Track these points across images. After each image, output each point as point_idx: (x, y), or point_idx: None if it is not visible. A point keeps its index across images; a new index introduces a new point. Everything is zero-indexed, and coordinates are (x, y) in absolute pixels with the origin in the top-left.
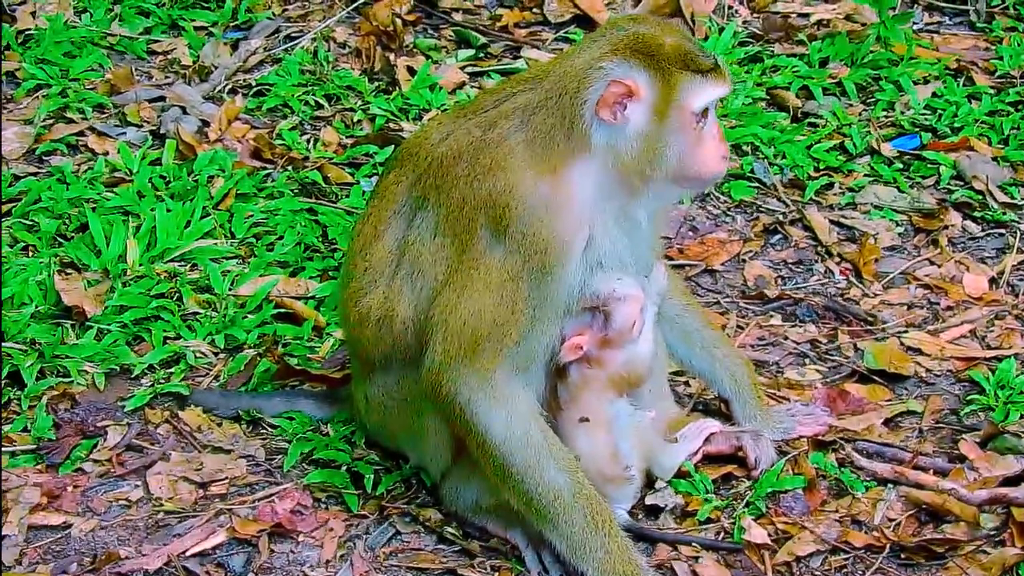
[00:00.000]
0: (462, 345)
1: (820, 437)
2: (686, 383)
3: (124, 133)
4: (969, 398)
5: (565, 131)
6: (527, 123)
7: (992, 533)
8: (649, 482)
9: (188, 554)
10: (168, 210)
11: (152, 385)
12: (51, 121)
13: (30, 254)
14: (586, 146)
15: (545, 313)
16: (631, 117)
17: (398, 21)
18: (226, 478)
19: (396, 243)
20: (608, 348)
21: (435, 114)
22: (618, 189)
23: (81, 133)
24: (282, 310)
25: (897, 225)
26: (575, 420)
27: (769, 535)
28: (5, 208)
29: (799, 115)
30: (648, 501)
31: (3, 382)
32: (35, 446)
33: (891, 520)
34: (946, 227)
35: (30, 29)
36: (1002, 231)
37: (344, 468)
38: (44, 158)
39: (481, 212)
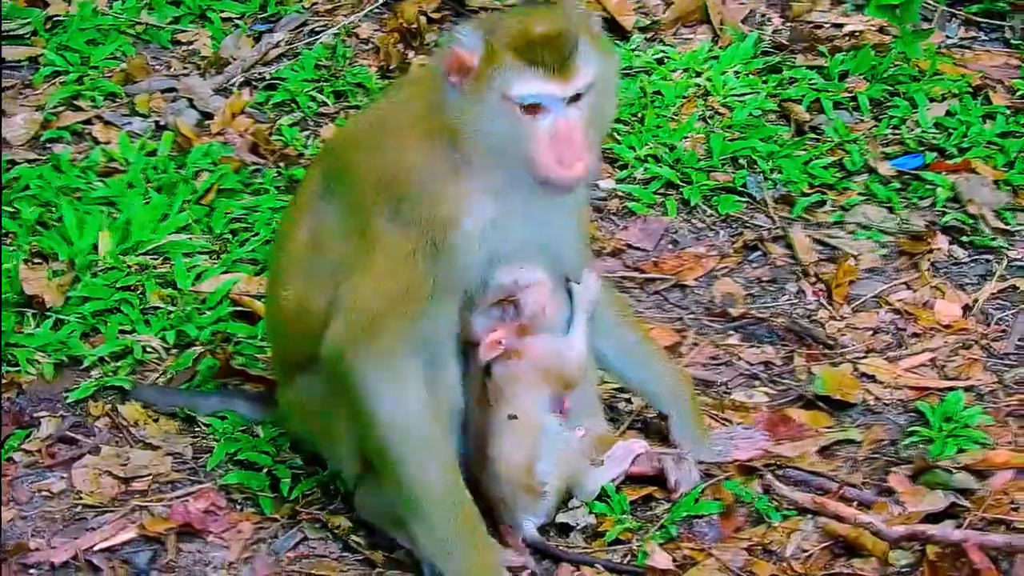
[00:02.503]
0: (362, 322)
1: (751, 462)
2: (628, 400)
3: (130, 123)
4: (911, 429)
5: (436, 102)
6: (413, 100)
7: (904, 571)
8: (565, 499)
9: (96, 549)
10: (146, 202)
11: (100, 378)
12: (62, 108)
13: (8, 241)
14: (450, 117)
15: (441, 292)
16: (466, 87)
17: (422, 18)
18: (150, 474)
19: (309, 235)
20: (526, 336)
21: None
22: (486, 168)
23: (89, 121)
24: (241, 308)
25: (882, 247)
26: (504, 417)
27: (673, 560)
28: None
29: (806, 129)
30: (560, 519)
31: None
32: None
33: (804, 551)
34: (931, 251)
35: (60, 16)
36: (989, 257)
37: (264, 470)
38: (48, 145)
39: (382, 188)
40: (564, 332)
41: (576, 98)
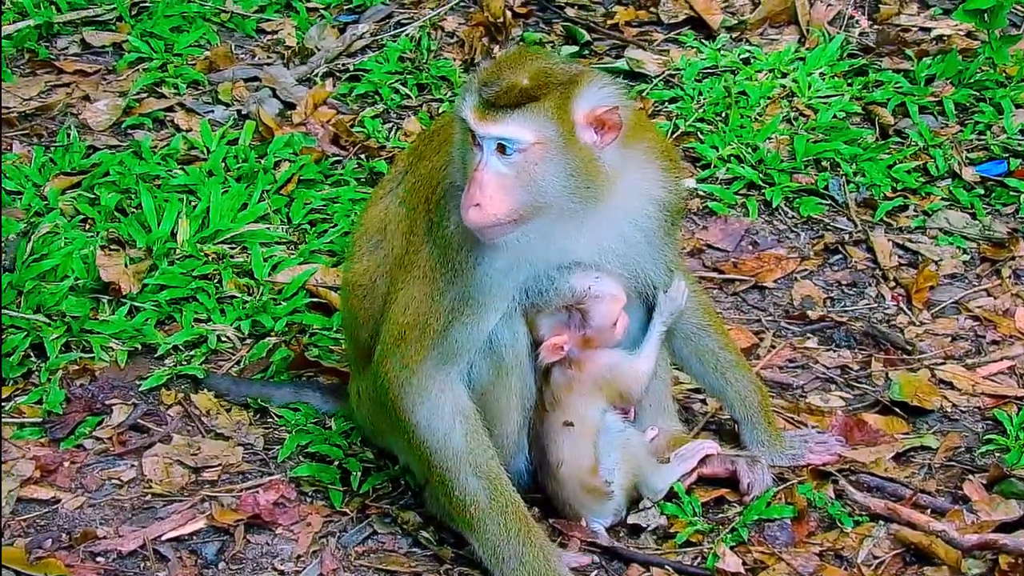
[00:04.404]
0: (394, 334)
1: (825, 467)
2: (703, 401)
3: (212, 111)
4: (987, 437)
5: None
6: None
7: None
8: (636, 500)
9: (164, 538)
10: (225, 191)
11: (173, 366)
12: (144, 95)
13: (87, 227)
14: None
15: (464, 308)
16: None
17: (508, 13)
18: (220, 465)
19: (383, 213)
20: (590, 348)
21: None
22: None
23: (171, 108)
24: (316, 299)
25: (964, 253)
26: (560, 423)
27: (744, 564)
28: (76, 180)
29: (890, 133)
30: (631, 520)
31: (30, 353)
32: (42, 419)
33: (876, 558)
34: (1013, 258)
35: (145, 2)
36: None
37: (335, 463)
38: (129, 132)
39: (424, 196)
40: (634, 348)
41: (503, 150)
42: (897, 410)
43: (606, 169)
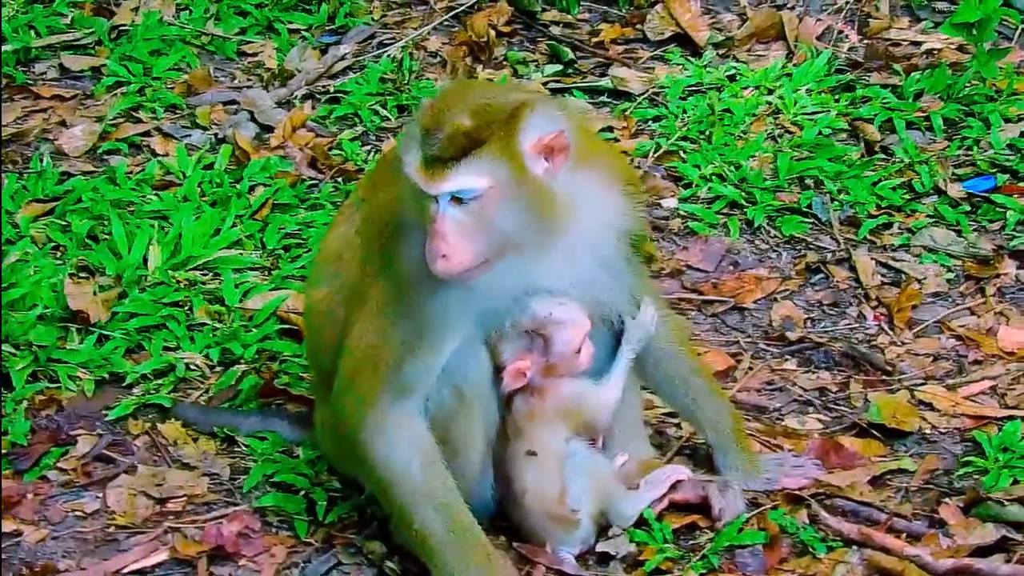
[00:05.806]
0: (350, 368)
1: (800, 491)
2: (677, 425)
3: (189, 135)
4: (966, 459)
5: None
6: None
7: None
8: (605, 527)
9: (126, 571)
10: (197, 217)
11: (141, 395)
12: (121, 120)
13: (58, 255)
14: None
15: (417, 342)
16: None
17: (492, 32)
18: (185, 495)
19: (342, 239)
20: (552, 376)
21: None
22: None
23: (147, 133)
24: (288, 326)
25: (948, 271)
26: (522, 453)
27: None
28: (48, 207)
29: (876, 149)
30: (600, 548)
31: None
32: (6, 451)
33: None
34: (998, 275)
35: (125, 25)
36: None
37: (301, 493)
38: (105, 157)
39: (375, 228)
40: (601, 376)
41: (459, 200)
42: (875, 432)
43: (561, 195)
